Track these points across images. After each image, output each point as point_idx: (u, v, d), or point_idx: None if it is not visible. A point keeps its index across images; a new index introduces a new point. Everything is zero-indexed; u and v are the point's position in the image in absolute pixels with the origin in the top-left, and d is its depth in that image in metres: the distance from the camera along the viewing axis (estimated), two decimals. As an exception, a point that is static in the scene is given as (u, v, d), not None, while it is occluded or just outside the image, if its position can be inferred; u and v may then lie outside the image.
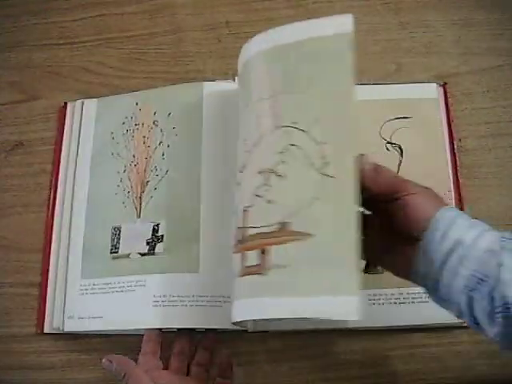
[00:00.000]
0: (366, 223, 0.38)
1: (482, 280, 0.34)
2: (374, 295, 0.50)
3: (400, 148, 0.54)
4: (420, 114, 0.55)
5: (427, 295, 0.38)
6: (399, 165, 0.53)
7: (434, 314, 0.41)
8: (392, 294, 0.50)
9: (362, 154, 0.39)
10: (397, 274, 0.40)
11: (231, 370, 0.47)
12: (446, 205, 0.38)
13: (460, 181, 0.53)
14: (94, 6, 0.66)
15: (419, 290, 0.38)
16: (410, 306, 0.50)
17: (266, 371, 0.50)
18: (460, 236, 0.35)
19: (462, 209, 0.52)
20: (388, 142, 0.54)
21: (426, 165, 0.53)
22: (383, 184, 0.39)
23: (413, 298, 0.50)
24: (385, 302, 0.50)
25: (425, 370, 0.49)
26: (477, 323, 0.35)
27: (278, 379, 0.50)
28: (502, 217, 0.53)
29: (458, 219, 0.36)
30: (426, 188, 0.39)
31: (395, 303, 0.50)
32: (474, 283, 0.34)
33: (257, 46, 0.48)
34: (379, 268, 0.44)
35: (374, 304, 0.50)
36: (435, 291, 0.36)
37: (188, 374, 0.47)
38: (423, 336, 0.50)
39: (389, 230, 0.39)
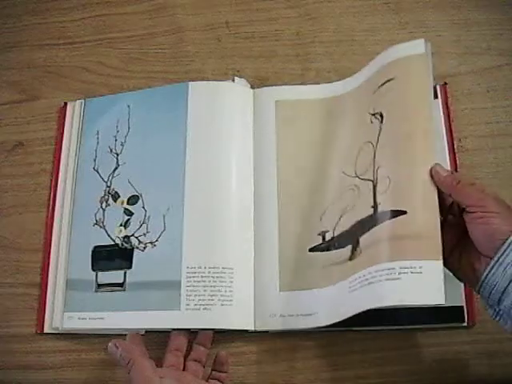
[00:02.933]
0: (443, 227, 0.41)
1: None
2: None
3: (381, 115, 0.48)
4: (404, 71, 0.47)
5: (486, 307, 0.40)
6: (379, 133, 0.47)
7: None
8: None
9: (437, 163, 0.42)
10: (460, 277, 0.43)
11: (227, 365, 0.48)
12: None
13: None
14: (93, 6, 0.66)
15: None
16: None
17: (266, 371, 0.50)
18: None
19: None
20: (372, 115, 0.49)
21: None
22: (463, 194, 0.41)
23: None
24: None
25: (425, 370, 0.49)
26: None
27: (278, 379, 0.50)
28: (502, 217, 0.53)
29: None
30: (504, 205, 0.40)
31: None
32: None
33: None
34: None
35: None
36: (497, 304, 0.39)
37: (184, 369, 0.47)
38: (423, 336, 0.50)
39: (463, 236, 0.41)
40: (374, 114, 0.48)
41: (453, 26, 0.60)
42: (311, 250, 0.50)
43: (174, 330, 0.49)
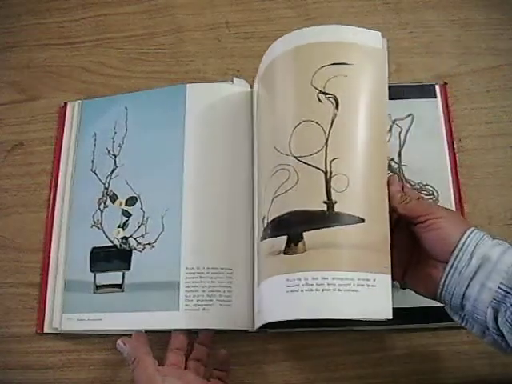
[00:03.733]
0: (393, 241, 0.41)
1: (507, 293, 0.36)
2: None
3: (335, 99, 0.44)
4: (361, 60, 0.44)
5: (451, 315, 0.41)
6: (333, 119, 0.43)
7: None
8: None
9: (391, 175, 0.43)
10: (421, 291, 0.43)
11: (228, 364, 0.48)
12: (470, 226, 0.40)
13: (460, 181, 0.53)
14: (93, 6, 0.66)
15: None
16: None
17: (266, 371, 0.50)
18: (486, 253, 0.37)
19: (462, 209, 0.52)
20: (321, 92, 0.44)
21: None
22: (409, 207, 0.42)
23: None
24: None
25: (425, 370, 0.49)
26: (501, 337, 0.37)
27: (278, 379, 0.50)
28: (502, 217, 0.53)
29: (484, 239, 0.38)
30: (450, 210, 0.42)
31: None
32: (501, 296, 0.36)
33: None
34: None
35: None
36: (460, 309, 0.39)
37: (185, 368, 0.47)
38: (423, 336, 0.50)
39: (416, 250, 0.42)
40: (325, 94, 0.44)
41: (453, 26, 0.60)
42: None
43: (174, 330, 0.49)
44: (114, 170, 0.56)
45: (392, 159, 0.55)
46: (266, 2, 0.64)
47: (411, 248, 0.43)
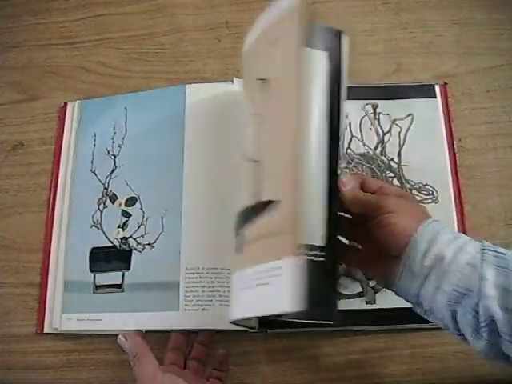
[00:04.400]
0: (354, 236, 0.41)
1: (464, 294, 0.34)
2: None
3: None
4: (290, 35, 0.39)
5: (413, 309, 0.39)
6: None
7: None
8: None
9: (338, 174, 0.39)
10: (383, 284, 0.42)
11: (227, 363, 0.48)
12: (430, 217, 0.38)
13: (460, 181, 0.53)
14: (93, 5, 0.66)
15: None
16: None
17: (266, 371, 0.50)
18: (441, 252, 0.35)
19: (462, 209, 0.52)
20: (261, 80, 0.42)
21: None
22: (359, 205, 0.40)
23: None
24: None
25: (425, 370, 0.49)
26: (462, 336, 0.36)
27: (278, 379, 0.50)
28: (502, 217, 0.53)
29: (439, 234, 0.36)
30: (407, 201, 0.39)
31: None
32: (456, 298, 0.34)
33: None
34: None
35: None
36: (419, 305, 0.37)
37: (185, 368, 0.47)
38: (423, 336, 0.50)
39: (373, 244, 0.39)
40: (262, 80, 0.42)
41: (453, 26, 0.60)
42: None
43: (173, 330, 0.49)
44: (113, 171, 0.56)
45: (392, 159, 0.55)
46: (266, 2, 0.64)
47: (372, 246, 0.40)
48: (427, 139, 0.55)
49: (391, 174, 0.54)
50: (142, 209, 0.54)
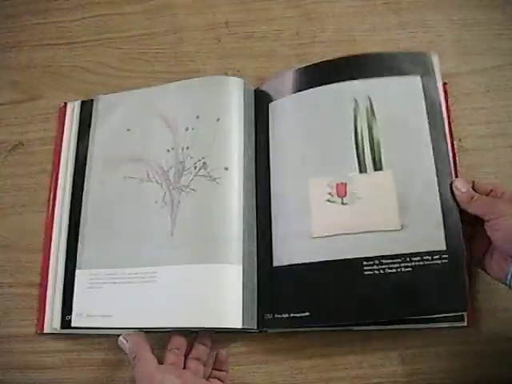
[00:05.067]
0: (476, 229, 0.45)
1: None
2: None
3: None
4: None
5: None
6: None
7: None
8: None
9: (457, 179, 0.47)
10: (492, 276, 0.45)
11: (227, 363, 0.48)
12: None
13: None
14: (93, 5, 0.66)
15: None
16: None
17: (266, 371, 0.50)
18: None
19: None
20: None
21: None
22: (475, 208, 0.45)
23: None
24: None
25: (425, 370, 0.49)
26: None
27: (278, 379, 0.50)
28: (502, 217, 0.53)
29: None
30: None
31: None
32: None
33: None
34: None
35: None
36: None
37: (184, 368, 0.47)
38: (423, 336, 0.50)
39: (486, 241, 0.45)
40: None
41: (453, 26, 0.60)
42: None
43: (173, 330, 0.49)
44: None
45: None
46: (266, 2, 0.64)
47: (487, 242, 0.45)
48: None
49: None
50: None
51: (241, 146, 0.53)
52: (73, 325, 0.52)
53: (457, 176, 0.53)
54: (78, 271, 0.53)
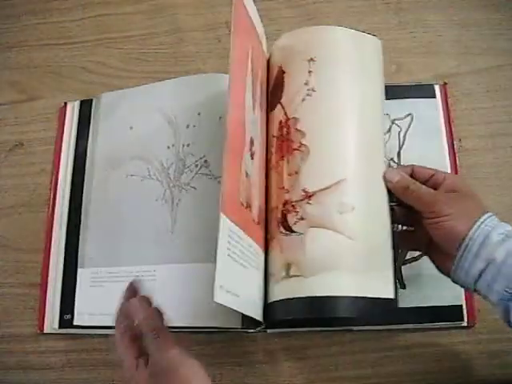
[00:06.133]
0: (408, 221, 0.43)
1: None
2: None
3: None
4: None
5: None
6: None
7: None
8: None
9: (389, 169, 0.43)
10: (438, 269, 0.42)
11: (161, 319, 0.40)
12: (484, 210, 0.39)
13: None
14: (93, 5, 0.66)
15: None
16: None
17: (266, 371, 0.50)
18: (491, 254, 0.36)
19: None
20: None
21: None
22: (411, 200, 0.41)
23: None
24: None
25: (425, 370, 0.49)
26: None
27: (278, 379, 0.50)
28: (502, 217, 0.53)
29: (491, 234, 0.37)
30: (461, 197, 0.40)
31: None
32: (507, 297, 0.36)
33: None
34: None
35: None
36: (475, 293, 0.39)
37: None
38: (423, 336, 0.50)
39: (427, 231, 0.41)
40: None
41: (453, 26, 0.60)
42: None
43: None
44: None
45: (391, 159, 0.55)
46: (266, 2, 0.64)
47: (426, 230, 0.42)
48: (427, 139, 0.55)
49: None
50: None
51: None
52: (75, 323, 0.52)
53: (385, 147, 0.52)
54: (79, 270, 0.54)
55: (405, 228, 0.47)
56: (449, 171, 0.53)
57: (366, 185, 0.42)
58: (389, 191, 0.43)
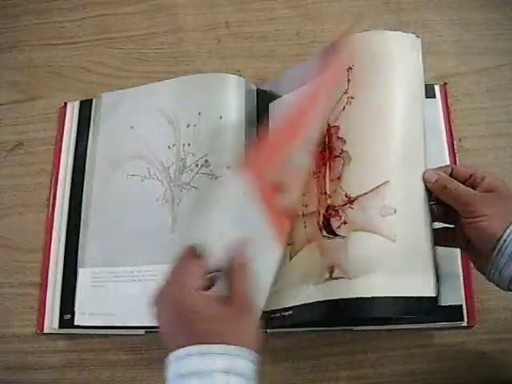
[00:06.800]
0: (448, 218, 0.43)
1: None
2: None
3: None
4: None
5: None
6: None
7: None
8: None
9: (428, 169, 0.43)
10: (478, 271, 0.43)
11: None
12: None
13: (460, 181, 0.53)
14: (93, 5, 0.66)
15: None
16: None
17: (266, 371, 0.50)
18: None
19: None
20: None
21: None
22: (450, 199, 0.41)
23: None
24: None
25: (425, 370, 0.49)
26: None
27: (278, 379, 0.50)
28: (502, 217, 0.53)
29: None
30: (498, 197, 0.40)
31: None
32: None
33: None
34: None
35: None
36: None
37: None
38: (423, 336, 0.50)
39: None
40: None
41: (453, 26, 0.60)
42: None
43: None
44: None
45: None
46: (266, 2, 0.64)
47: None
48: (427, 139, 0.55)
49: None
50: None
51: (243, 145, 0.53)
52: (76, 323, 0.52)
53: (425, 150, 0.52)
54: (80, 270, 0.54)
55: (444, 225, 0.46)
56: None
57: (407, 186, 0.43)
58: (429, 191, 0.43)
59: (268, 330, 0.50)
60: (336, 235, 0.43)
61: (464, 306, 0.49)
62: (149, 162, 0.55)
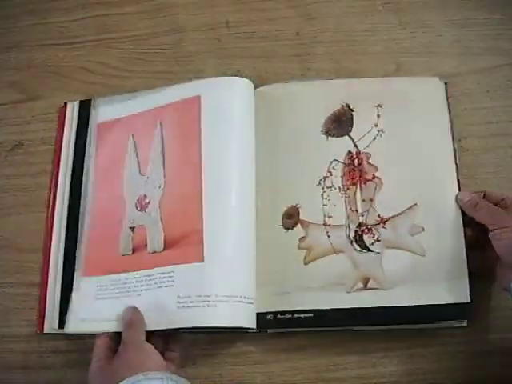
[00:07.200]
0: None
1: None
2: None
3: None
4: None
5: None
6: None
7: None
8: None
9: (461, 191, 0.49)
10: (500, 286, 0.46)
11: (178, 345, 0.48)
12: None
13: (460, 181, 0.53)
14: (93, 5, 0.66)
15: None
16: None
17: (266, 371, 0.50)
18: None
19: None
20: None
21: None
22: (479, 216, 0.46)
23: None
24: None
25: (425, 370, 0.49)
26: None
27: (278, 379, 0.50)
28: (502, 217, 0.53)
29: None
30: None
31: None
32: None
33: None
34: None
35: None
36: None
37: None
38: (423, 336, 0.50)
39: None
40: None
41: (453, 26, 0.60)
42: None
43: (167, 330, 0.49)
44: None
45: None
46: (266, 1, 0.64)
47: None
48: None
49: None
50: None
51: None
52: (76, 331, 0.51)
53: (457, 177, 0.53)
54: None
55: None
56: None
57: (435, 206, 0.50)
58: (458, 210, 0.49)
59: (268, 330, 0.50)
60: (370, 250, 0.50)
61: (464, 306, 0.49)
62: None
